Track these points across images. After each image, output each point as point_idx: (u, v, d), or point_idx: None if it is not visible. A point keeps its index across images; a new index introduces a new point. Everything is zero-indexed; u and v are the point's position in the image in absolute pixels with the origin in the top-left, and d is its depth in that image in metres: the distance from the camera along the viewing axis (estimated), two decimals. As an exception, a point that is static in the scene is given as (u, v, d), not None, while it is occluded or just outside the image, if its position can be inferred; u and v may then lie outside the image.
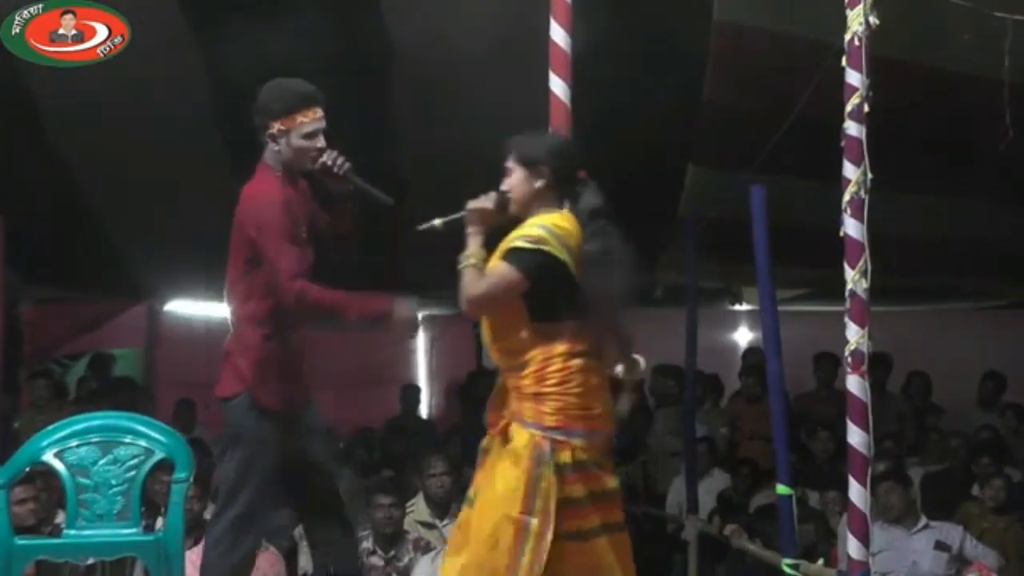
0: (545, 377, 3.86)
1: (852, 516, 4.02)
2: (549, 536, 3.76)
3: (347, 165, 4.39)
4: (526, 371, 3.88)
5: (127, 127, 6.59)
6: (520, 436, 3.86)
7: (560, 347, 3.88)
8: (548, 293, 3.88)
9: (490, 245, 3.96)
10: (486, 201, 3.99)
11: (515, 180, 4.00)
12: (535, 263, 3.84)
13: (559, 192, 3.98)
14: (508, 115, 4.46)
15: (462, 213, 3.99)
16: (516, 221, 3.99)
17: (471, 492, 4.03)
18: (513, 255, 3.87)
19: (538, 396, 3.85)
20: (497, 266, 3.89)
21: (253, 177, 4.43)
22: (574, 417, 3.85)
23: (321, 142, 4.36)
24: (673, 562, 7.90)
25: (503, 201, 4.00)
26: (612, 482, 3.96)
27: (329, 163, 4.37)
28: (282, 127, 4.35)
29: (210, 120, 6.67)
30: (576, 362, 3.88)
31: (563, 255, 3.86)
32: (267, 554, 6.00)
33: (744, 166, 6.17)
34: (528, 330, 3.89)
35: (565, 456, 3.82)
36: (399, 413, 10.49)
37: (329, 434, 6.14)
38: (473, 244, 3.95)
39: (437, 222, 4.01)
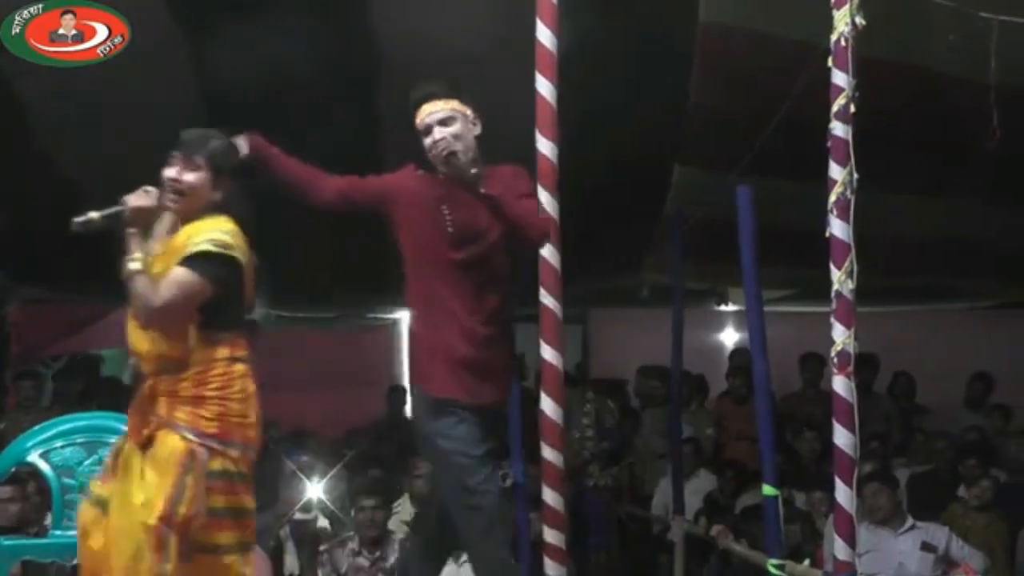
0: (207, 381, 3.74)
1: (838, 517, 4.02)
2: (183, 544, 3.63)
3: (444, 153, 4.39)
4: (185, 375, 3.74)
5: (127, 127, 6.56)
6: (167, 443, 3.70)
7: (222, 351, 3.78)
8: (226, 300, 3.77)
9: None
10: (146, 198, 3.79)
11: (198, 180, 3.85)
12: (222, 270, 3.72)
13: (226, 199, 3.89)
14: (504, 116, 4.46)
15: (119, 208, 3.75)
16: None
17: (103, 493, 3.80)
18: (198, 261, 3.70)
19: (197, 400, 3.73)
20: (180, 273, 3.70)
21: None
22: (232, 425, 3.75)
23: (437, 135, 4.38)
24: (659, 563, 7.91)
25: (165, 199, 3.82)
26: (250, 502, 3.84)
27: (429, 153, 4.41)
28: (417, 130, 4.44)
29: (205, 122, 6.64)
30: (238, 367, 3.80)
31: (244, 261, 3.79)
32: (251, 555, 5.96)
33: (731, 166, 6.17)
34: (194, 336, 3.75)
35: (216, 464, 3.72)
36: (385, 414, 10.48)
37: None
38: (136, 245, 3.73)
39: (95, 215, 3.74)
